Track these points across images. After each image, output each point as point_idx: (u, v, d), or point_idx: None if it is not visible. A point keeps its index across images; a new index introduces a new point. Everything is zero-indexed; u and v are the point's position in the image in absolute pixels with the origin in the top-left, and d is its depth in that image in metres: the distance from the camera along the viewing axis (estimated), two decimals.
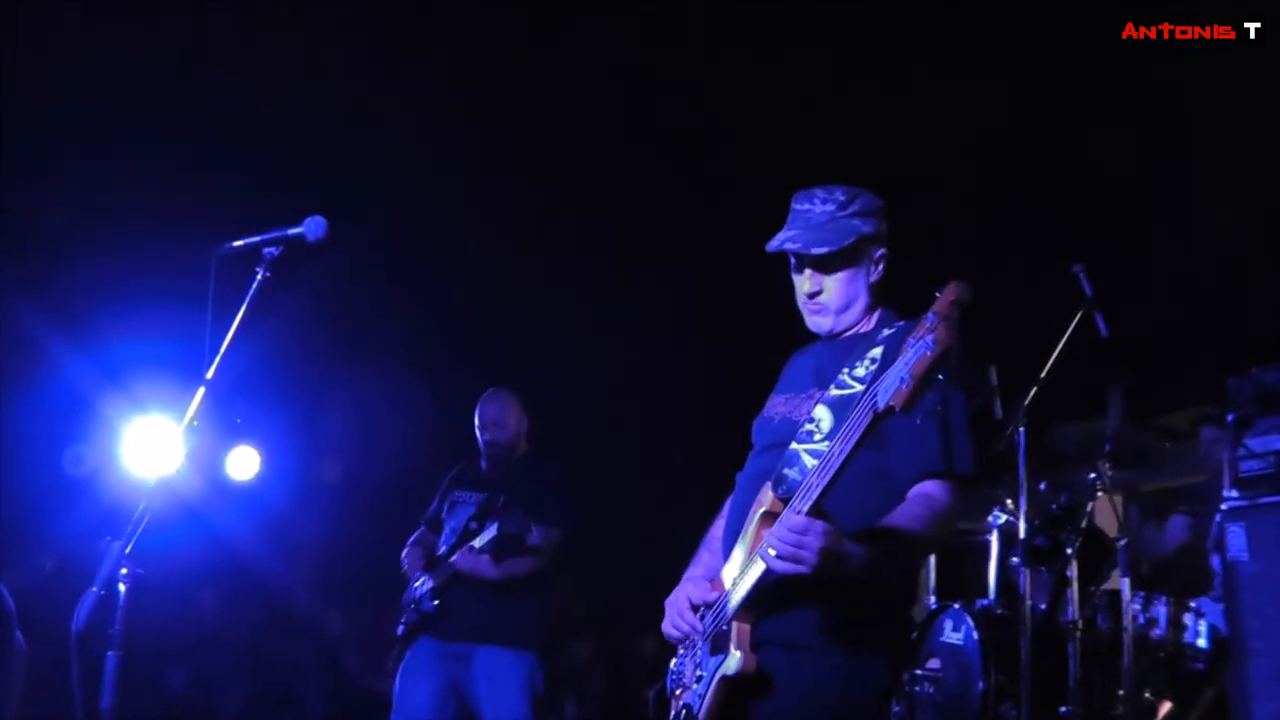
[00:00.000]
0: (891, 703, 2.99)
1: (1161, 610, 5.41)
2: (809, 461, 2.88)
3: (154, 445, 7.35)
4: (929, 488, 2.87)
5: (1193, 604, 5.43)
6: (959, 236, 7.56)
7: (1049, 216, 7.48)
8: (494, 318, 9.25)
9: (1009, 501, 5.90)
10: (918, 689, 5.70)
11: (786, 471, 2.93)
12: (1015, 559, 5.47)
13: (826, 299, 3.17)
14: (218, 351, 3.30)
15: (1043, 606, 5.57)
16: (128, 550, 3.07)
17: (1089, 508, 5.72)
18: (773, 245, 3.15)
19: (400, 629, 5.62)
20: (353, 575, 9.75)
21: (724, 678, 2.85)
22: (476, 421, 5.80)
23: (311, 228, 3.39)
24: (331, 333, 8.96)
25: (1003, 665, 5.30)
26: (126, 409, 7.78)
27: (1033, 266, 6.86)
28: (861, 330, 3.16)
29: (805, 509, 2.63)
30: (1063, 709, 5.15)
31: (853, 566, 2.67)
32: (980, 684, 5.31)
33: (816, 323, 3.21)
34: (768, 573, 2.74)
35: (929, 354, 2.32)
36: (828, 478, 2.60)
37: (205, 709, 9.69)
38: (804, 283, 3.17)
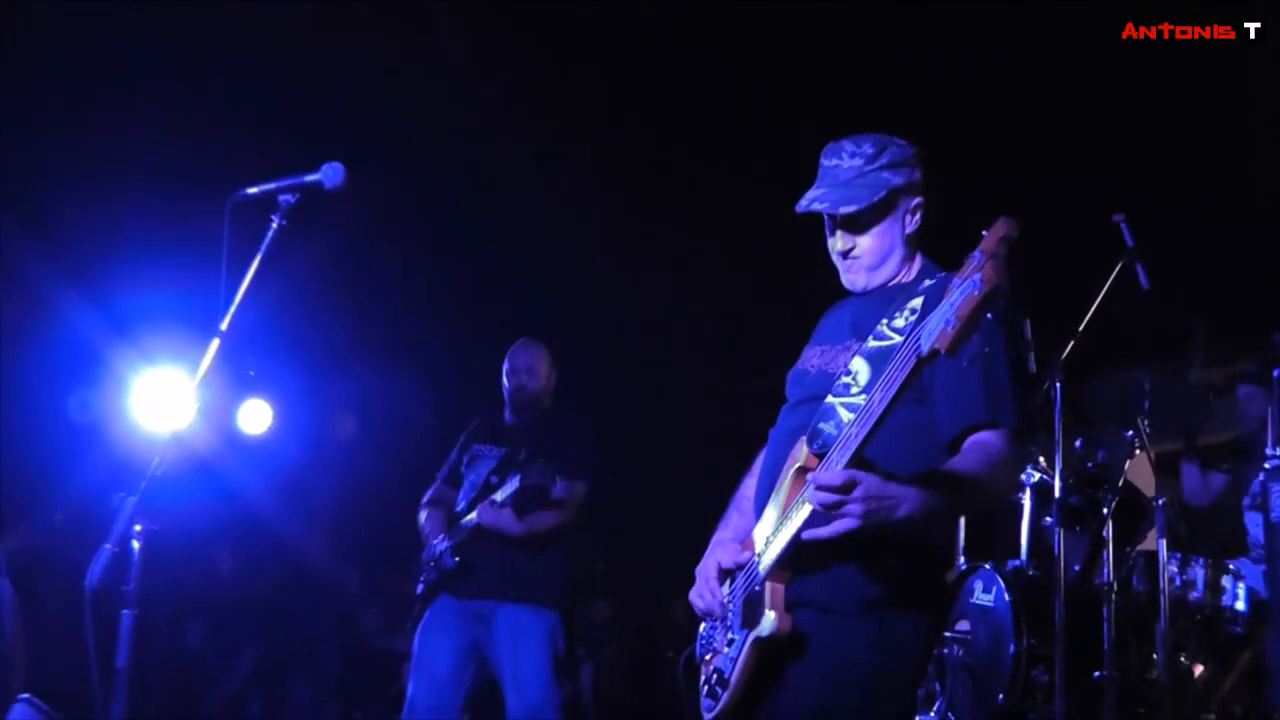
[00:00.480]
0: (929, 665, 2.96)
1: (1199, 572, 5.41)
2: (845, 415, 2.84)
3: (164, 398, 7.35)
4: (985, 437, 2.82)
5: (1231, 565, 5.42)
6: (995, 186, 7.52)
7: (1089, 165, 7.44)
8: (516, 270, 9.24)
9: (1043, 459, 5.88)
10: (947, 651, 5.70)
11: (822, 426, 2.90)
12: (1049, 519, 5.46)
13: (860, 255, 3.11)
14: (232, 302, 3.27)
15: (1077, 568, 5.55)
16: (141, 506, 3.07)
17: (1125, 466, 5.71)
18: (801, 206, 3.09)
19: (419, 587, 5.62)
20: (369, 533, 9.79)
21: (758, 639, 2.83)
22: (506, 368, 5.75)
23: (329, 174, 3.35)
24: (347, 283, 8.97)
25: (1035, 628, 5.29)
26: (136, 361, 7.78)
27: (1072, 215, 6.83)
28: (901, 281, 3.10)
29: (844, 462, 2.60)
30: (1097, 674, 5.13)
31: (905, 513, 2.61)
32: (1012, 647, 5.31)
33: (851, 280, 3.16)
34: (802, 530, 2.71)
35: (976, 293, 2.26)
36: (867, 428, 2.56)
37: (221, 666, 9.75)
38: (836, 242, 3.12)
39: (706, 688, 3.04)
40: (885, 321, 2.90)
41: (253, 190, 3.32)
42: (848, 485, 2.54)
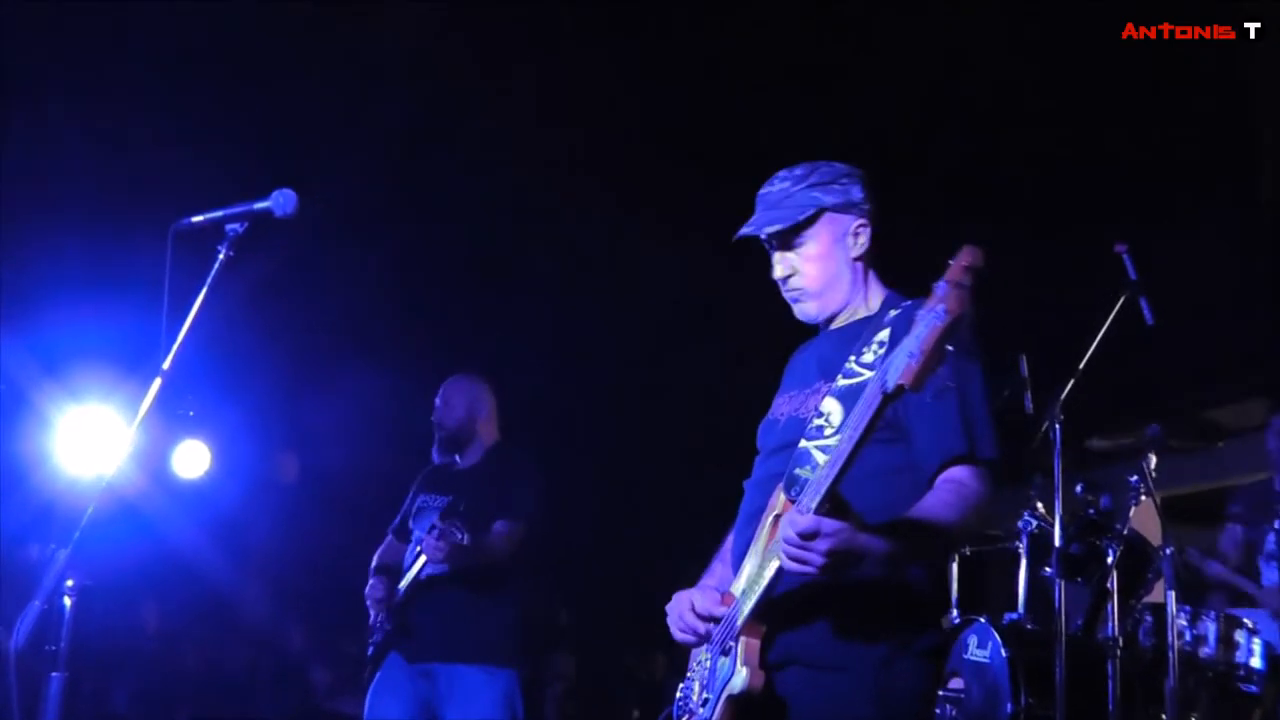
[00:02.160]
0: (932, 711, 2.98)
1: (1210, 626, 5.43)
2: (821, 458, 2.87)
3: (93, 439, 7.30)
4: (957, 473, 2.84)
5: (1245, 619, 5.44)
6: (989, 218, 7.59)
7: (1088, 197, 7.52)
8: (464, 306, 9.25)
9: (1041, 505, 5.91)
10: (939, 711, 5.71)
11: (798, 471, 2.92)
12: (1048, 569, 5.47)
13: (802, 281, 3.16)
14: (175, 339, 3.25)
15: (1078, 621, 5.58)
16: (73, 559, 3.04)
17: (1130, 512, 5.74)
18: (736, 236, 3.17)
19: (370, 649, 5.60)
20: (313, 583, 9.74)
21: (729, 697, 2.84)
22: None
23: (280, 202, 3.34)
24: (288, 317, 8.94)
25: (1034, 686, 5.30)
26: (62, 399, 7.73)
27: (1070, 248, 6.89)
28: (864, 314, 3.15)
29: (814, 505, 2.61)
30: None
31: (873, 562, 2.66)
32: (1009, 706, 5.32)
33: (803, 310, 3.21)
34: (775, 581, 2.74)
35: (939, 324, 2.31)
36: (836, 469, 2.57)
37: None
38: (775, 269, 3.18)
39: None
40: (854, 358, 2.97)
41: (197, 218, 3.31)
42: (809, 534, 2.57)
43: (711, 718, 2.91)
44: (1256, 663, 5.33)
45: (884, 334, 2.89)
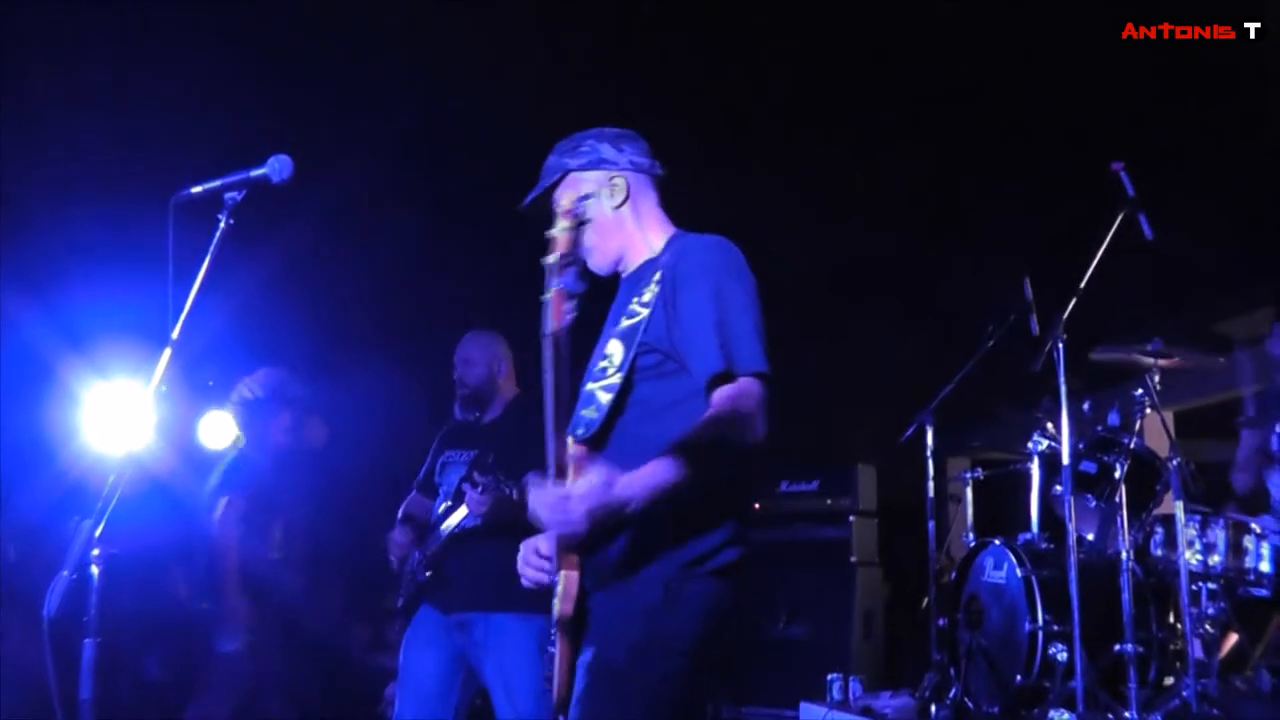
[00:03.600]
0: (728, 629, 2.97)
1: (1219, 534, 5.45)
2: (604, 398, 3.03)
3: (119, 414, 7.36)
4: (721, 392, 2.87)
5: (1253, 524, 5.47)
6: (984, 141, 7.59)
7: (1087, 114, 7.50)
8: (496, 273, 9.24)
9: (1050, 425, 5.95)
10: (959, 633, 5.79)
11: (583, 413, 3.08)
12: (1059, 487, 5.50)
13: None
14: (182, 309, 3.30)
15: (1091, 537, 5.62)
16: (99, 530, 3.11)
17: (1137, 427, 5.77)
18: (519, 208, 3.36)
19: (400, 601, 5.66)
20: (346, 546, 9.81)
21: (554, 627, 2.98)
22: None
23: (276, 168, 3.37)
24: (314, 285, 8.96)
25: (1050, 603, 5.37)
26: (88, 374, 7.78)
27: (1070, 167, 6.89)
28: (648, 256, 3.24)
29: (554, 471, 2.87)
30: (1117, 647, 5.18)
31: (637, 506, 2.72)
32: (1027, 625, 5.40)
33: (592, 265, 3.28)
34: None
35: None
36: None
37: (184, 696, 9.77)
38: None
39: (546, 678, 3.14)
40: (636, 299, 3.10)
41: (196, 189, 3.33)
42: (560, 502, 2.71)
43: (554, 649, 3.01)
44: (1266, 567, 5.36)
45: (659, 273, 3.05)
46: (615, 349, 3.08)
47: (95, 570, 3.07)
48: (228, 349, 7.51)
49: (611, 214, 3.24)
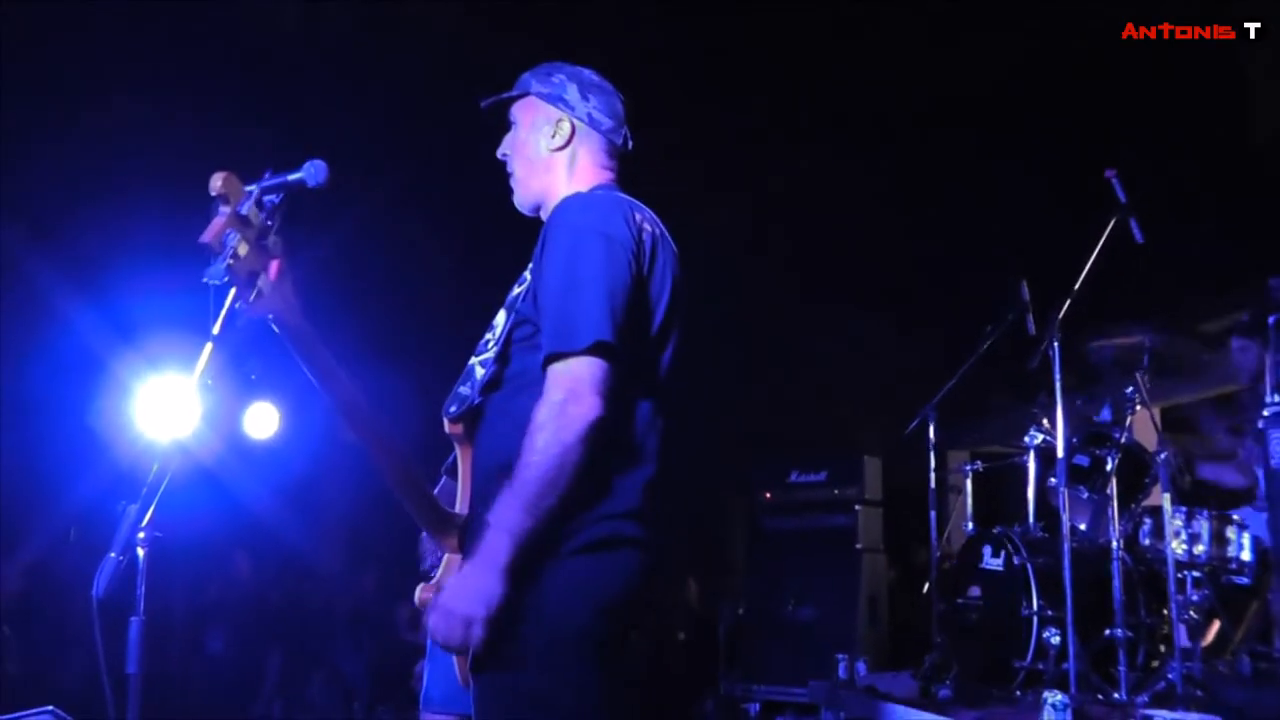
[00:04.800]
0: (624, 604, 2.59)
1: (1204, 525, 5.43)
2: (479, 372, 2.79)
3: (169, 405, 7.37)
4: (548, 381, 2.52)
5: (1235, 516, 5.46)
6: (988, 149, 7.56)
7: (1081, 125, 7.47)
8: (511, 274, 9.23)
9: (1045, 420, 5.93)
10: (959, 617, 5.76)
11: (460, 389, 2.85)
12: (1054, 479, 5.48)
13: (512, 166, 3.01)
14: (222, 306, 3.29)
15: (1083, 527, 5.60)
16: (144, 514, 3.10)
17: (1127, 422, 5.75)
18: (482, 105, 3.04)
19: (430, 572, 5.66)
20: (384, 530, 9.84)
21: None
22: None
23: (312, 173, 3.33)
24: (357, 285, 8.98)
25: (1045, 589, 5.34)
26: (140, 367, 7.80)
27: (1065, 175, 6.86)
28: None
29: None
30: (1108, 631, 5.15)
31: (516, 563, 2.40)
32: (1023, 609, 5.37)
33: (516, 200, 3.02)
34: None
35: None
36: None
37: (245, 670, 9.83)
38: (501, 146, 3.04)
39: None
40: (529, 264, 2.78)
41: None
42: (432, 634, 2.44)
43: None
44: (1246, 556, 5.35)
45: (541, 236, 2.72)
46: (499, 319, 2.83)
47: (141, 552, 3.06)
48: (273, 343, 7.51)
49: (546, 154, 2.91)
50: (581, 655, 2.48)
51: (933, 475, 6.45)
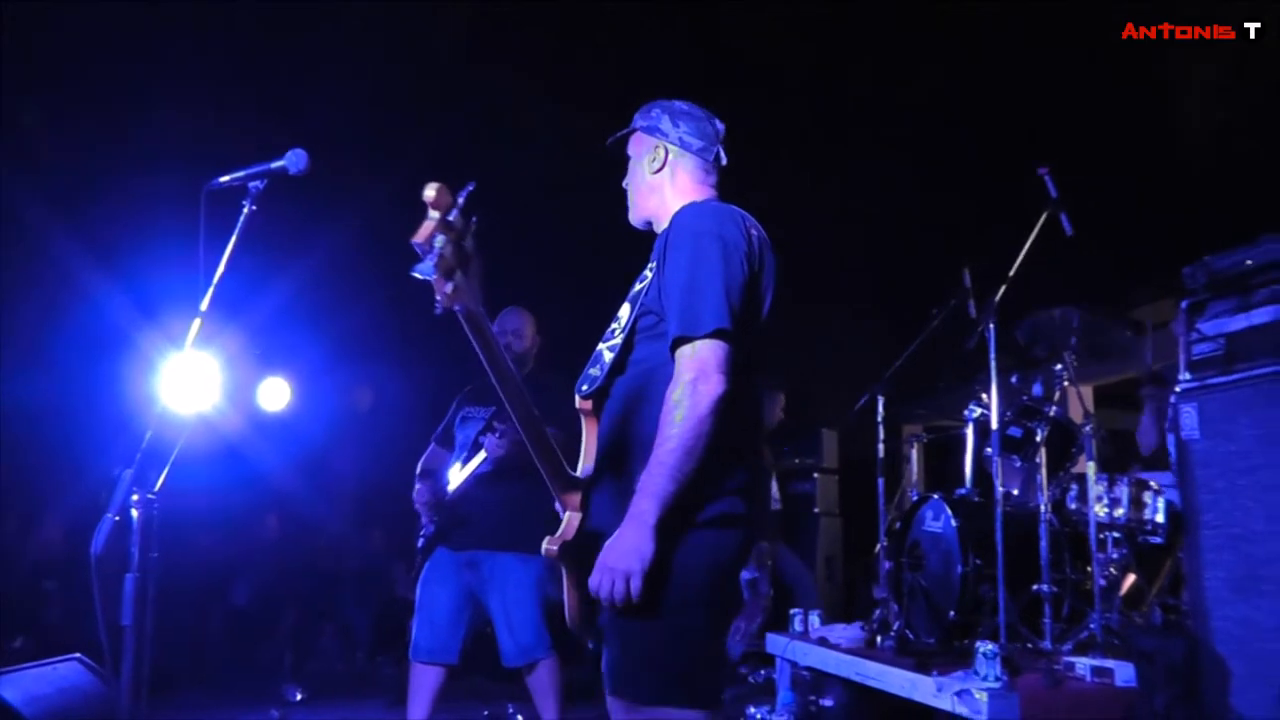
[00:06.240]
0: (727, 577, 2.77)
1: (1124, 490, 5.45)
2: (607, 356, 2.93)
3: (190, 380, 7.33)
4: (677, 364, 2.69)
5: (1153, 481, 5.46)
6: (934, 149, 7.54)
7: (1019, 124, 7.45)
8: (531, 249, 9.17)
9: (983, 396, 5.92)
10: (903, 575, 5.76)
11: (590, 371, 2.98)
12: (989, 449, 5.48)
13: (629, 192, 3.21)
14: (229, 284, 3.29)
15: (1015, 492, 5.59)
16: (137, 477, 3.10)
17: (1057, 398, 5.75)
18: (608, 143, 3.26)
19: (419, 542, 5.66)
20: (391, 496, 9.86)
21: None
22: (494, 330, 5.76)
23: (293, 161, 3.33)
24: (363, 262, 8.92)
25: (979, 549, 5.34)
26: (164, 344, 7.75)
27: (1006, 170, 6.84)
28: (664, 227, 3.00)
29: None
30: (1036, 587, 5.17)
31: (647, 549, 2.56)
32: (959, 567, 5.36)
33: (631, 218, 3.22)
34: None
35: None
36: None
37: (262, 622, 9.86)
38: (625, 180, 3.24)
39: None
40: (649, 264, 2.95)
41: (225, 179, 3.32)
42: (595, 594, 2.61)
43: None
44: (1160, 518, 5.36)
45: (661, 239, 2.91)
46: (624, 311, 2.96)
47: (135, 513, 3.05)
48: (284, 322, 7.49)
49: (650, 178, 3.12)
50: (698, 609, 2.66)
51: (880, 447, 6.43)
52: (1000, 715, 4.23)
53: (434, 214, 2.40)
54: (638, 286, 2.96)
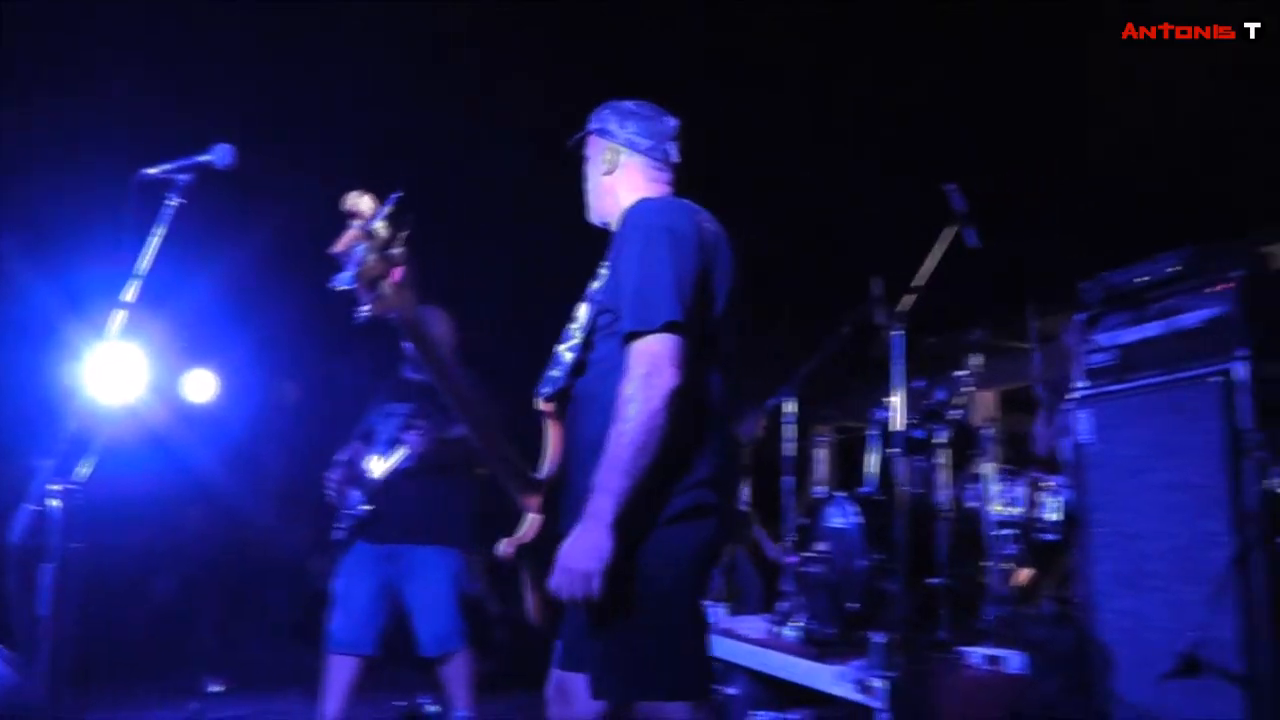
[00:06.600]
0: (697, 570, 2.74)
1: (1020, 490, 5.56)
2: (567, 357, 2.92)
3: (115, 371, 7.22)
4: (629, 358, 2.65)
5: (1049, 482, 5.58)
6: (846, 161, 7.61)
7: (933, 141, 7.54)
8: (454, 242, 9.10)
9: (889, 399, 6.01)
10: (809, 569, 5.84)
11: (551, 373, 2.96)
12: (894, 450, 5.58)
13: (588, 193, 3.23)
14: (156, 275, 3.27)
15: (918, 490, 5.69)
16: (58, 468, 3.07)
17: (962, 402, 5.86)
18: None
19: (340, 535, 5.64)
20: (316, 489, 9.78)
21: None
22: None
23: (220, 155, 3.33)
24: (293, 253, 8.81)
25: (881, 545, 5.43)
26: (89, 335, 7.62)
27: (921, 182, 6.95)
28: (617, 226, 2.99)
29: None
30: (933, 580, 5.26)
31: (621, 520, 2.54)
32: (862, 562, 5.45)
33: (590, 215, 3.24)
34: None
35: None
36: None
37: (187, 613, 9.75)
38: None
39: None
40: (604, 262, 2.96)
41: (153, 170, 3.30)
42: (557, 595, 2.57)
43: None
44: (1054, 516, 5.46)
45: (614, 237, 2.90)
46: (581, 311, 2.95)
47: (54, 503, 3.03)
48: (212, 314, 7.39)
49: (602, 179, 3.14)
50: (674, 604, 2.64)
51: (789, 446, 6.51)
52: (895, 701, 4.33)
53: (355, 223, 2.39)
54: (594, 285, 2.96)
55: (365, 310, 2.40)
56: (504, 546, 2.85)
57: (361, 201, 2.42)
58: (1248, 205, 6.53)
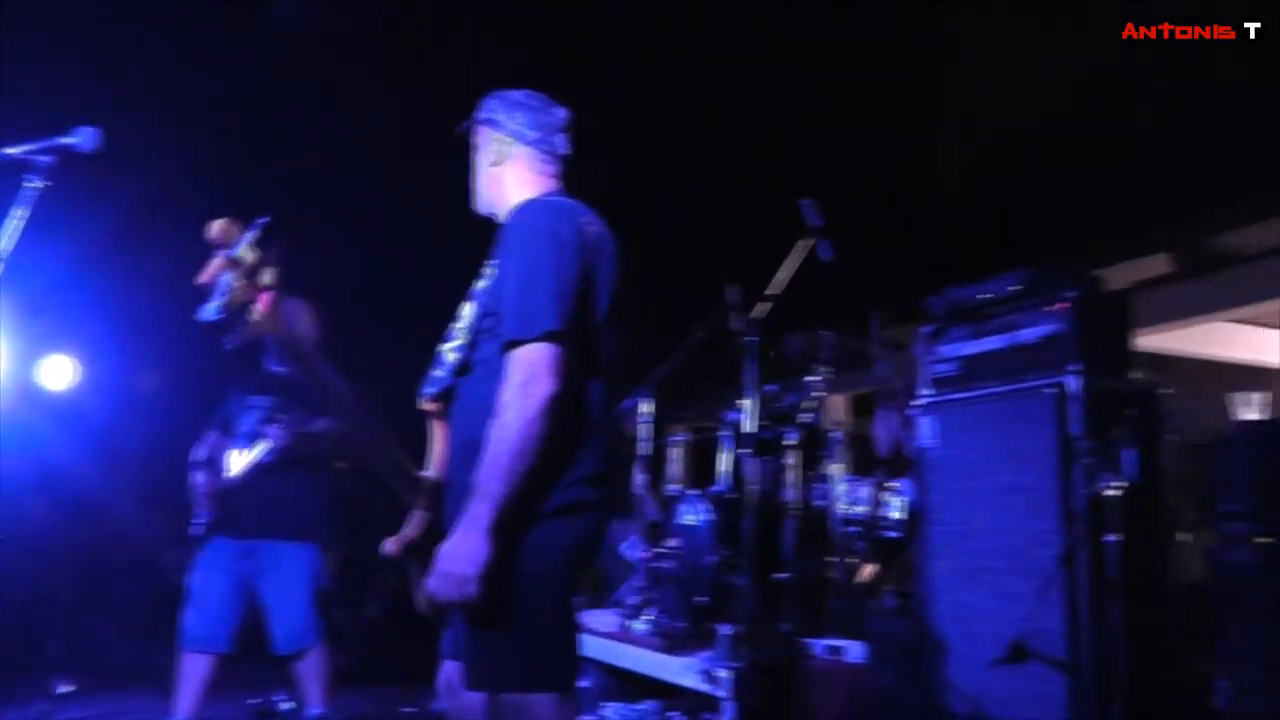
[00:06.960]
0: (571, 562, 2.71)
1: (866, 490, 5.67)
2: (451, 357, 2.88)
3: None
4: (508, 365, 2.62)
5: (893, 483, 5.71)
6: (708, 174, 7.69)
7: (791, 155, 7.65)
8: (324, 226, 8.92)
9: (742, 402, 6.09)
10: (660, 564, 5.88)
11: (434, 373, 2.93)
12: (744, 450, 5.65)
13: (475, 182, 3.16)
14: (12, 258, 3.14)
15: (767, 489, 5.77)
16: None
17: (813, 406, 5.95)
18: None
19: (197, 530, 5.50)
20: (175, 481, 9.51)
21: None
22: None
23: (85, 138, 3.23)
24: (150, 238, 8.54)
25: (730, 541, 5.49)
26: None
27: (779, 195, 7.05)
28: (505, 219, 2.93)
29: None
30: (779, 575, 5.33)
31: (498, 525, 2.52)
32: (711, 557, 5.50)
33: (476, 205, 3.16)
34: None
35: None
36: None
37: (35, 607, 9.37)
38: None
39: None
40: (492, 263, 2.88)
41: (11, 151, 3.18)
42: (434, 595, 2.57)
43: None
44: (897, 515, 5.58)
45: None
46: (467, 311, 2.90)
47: None
48: (70, 298, 7.13)
49: (490, 170, 3.07)
50: (543, 598, 2.61)
51: (643, 445, 6.54)
52: (740, 690, 4.38)
53: (220, 252, 2.34)
54: (480, 285, 2.91)
55: (236, 337, 2.34)
56: (390, 544, 2.86)
57: (225, 229, 2.36)
58: (1085, 228, 6.77)
